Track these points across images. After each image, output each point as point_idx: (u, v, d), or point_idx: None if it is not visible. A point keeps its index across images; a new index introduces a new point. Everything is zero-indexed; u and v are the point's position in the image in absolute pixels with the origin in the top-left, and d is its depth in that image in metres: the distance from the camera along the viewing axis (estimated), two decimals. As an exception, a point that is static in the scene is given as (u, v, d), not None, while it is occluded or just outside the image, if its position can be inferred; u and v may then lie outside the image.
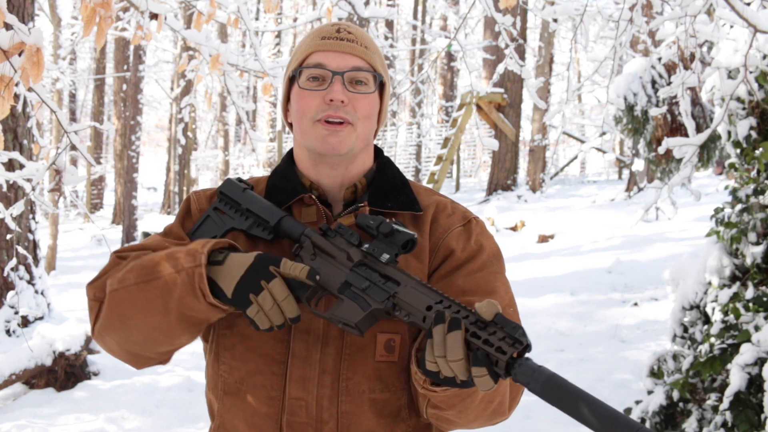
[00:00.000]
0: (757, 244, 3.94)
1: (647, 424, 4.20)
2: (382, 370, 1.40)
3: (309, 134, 1.44)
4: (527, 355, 1.19)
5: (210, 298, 1.32)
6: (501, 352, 1.15)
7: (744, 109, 3.99)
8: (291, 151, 1.56)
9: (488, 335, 1.16)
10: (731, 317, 3.82)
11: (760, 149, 3.85)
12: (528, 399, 5.32)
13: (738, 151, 4.03)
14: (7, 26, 2.27)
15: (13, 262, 3.87)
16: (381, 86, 1.49)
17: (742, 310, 3.78)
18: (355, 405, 1.40)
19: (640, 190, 14.74)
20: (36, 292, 7.41)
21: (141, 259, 1.39)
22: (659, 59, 5.93)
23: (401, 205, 1.47)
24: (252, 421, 1.42)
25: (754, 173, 4.07)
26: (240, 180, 1.53)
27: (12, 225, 3.47)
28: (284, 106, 1.53)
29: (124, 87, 18.94)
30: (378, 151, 1.56)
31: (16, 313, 7.09)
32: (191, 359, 6.05)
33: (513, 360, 1.15)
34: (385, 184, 1.49)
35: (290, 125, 1.51)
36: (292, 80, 1.48)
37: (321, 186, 1.48)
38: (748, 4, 3.71)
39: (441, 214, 1.49)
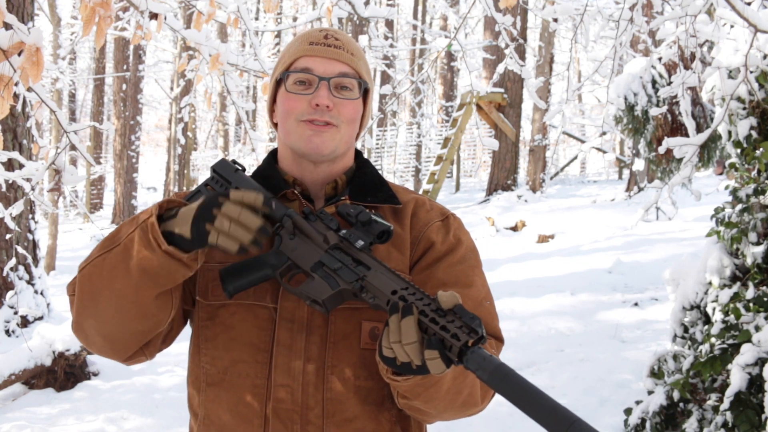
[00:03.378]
0: (758, 244, 3.94)
1: (647, 424, 4.19)
2: (367, 357, 1.44)
3: (293, 133, 1.49)
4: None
5: (164, 245, 1.32)
6: (455, 338, 1.19)
7: (744, 108, 3.99)
8: (272, 153, 1.61)
9: (446, 322, 1.21)
10: (732, 317, 3.82)
11: (761, 149, 3.85)
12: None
13: (738, 150, 4.03)
14: (7, 26, 2.27)
15: (13, 262, 3.87)
16: (365, 92, 1.55)
17: (742, 310, 3.78)
18: (340, 392, 1.43)
19: (640, 190, 14.74)
20: (35, 292, 7.41)
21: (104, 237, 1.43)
22: (659, 59, 5.93)
23: (381, 199, 1.54)
24: (237, 410, 1.44)
25: (754, 173, 4.07)
26: (234, 162, 1.57)
27: (11, 225, 3.47)
28: (270, 107, 1.58)
29: (124, 87, 18.93)
30: (357, 153, 1.62)
31: (16, 313, 7.09)
32: (191, 359, 6.04)
33: (466, 347, 1.19)
34: (365, 181, 1.56)
35: (275, 125, 1.56)
36: (278, 82, 1.54)
37: (303, 182, 1.54)
38: (749, 4, 3.71)
39: (420, 209, 1.56)
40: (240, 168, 1.54)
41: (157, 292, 1.38)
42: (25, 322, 7.34)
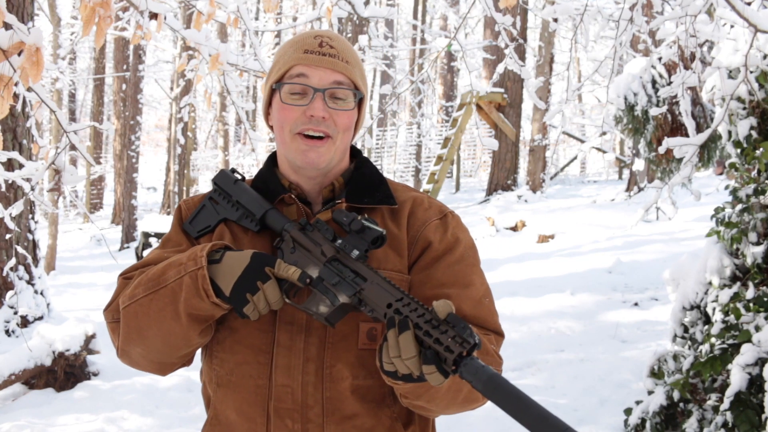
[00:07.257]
0: (758, 244, 3.93)
1: (647, 424, 4.19)
2: (365, 357, 1.47)
3: (289, 146, 1.52)
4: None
5: (213, 297, 1.40)
6: (449, 350, 1.23)
7: (744, 108, 3.99)
8: (273, 155, 1.63)
9: (439, 334, 1.24)
10: (732, 317, 3.81)
11: (761, 149, 3.85)
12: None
13: (738, 150, 4.03)
14: (7, 26, 2.27)
15: (13, 262, 3.86)
16: (359, 99, 1.56)
17: (742, 310, 3.78)
18: (338, 391, 1.47)
19: (640, 190, 14.74)
20: (35, 292, 7.41)
21: (146, 273, 1.48)
22: (659, 59, 5.93)
23: (377, 200, 1.54)
24: (241, 409, 1.49)
25: (754, 173, 4.07)
26: (233, 170, 1.60)
27: (11, 225, 3.47)
28: (265, 111, 1.59)
29: (124, 87, 18.93)
30: (356, 151, 1.64)
31: (16, 313, 7.09)
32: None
33: (461, 358, 1.23)
34: (362, 182, 1.56)
35: (271, 128, 1.58)
36: (273, 89, 1.55)
37: (300, 186, 1.56)
38: (749, 4, 3.71)
39: (418, 208, 1.56)
40: (239, 177, 1.58)
41: (203, 328, 1.47)
42: (25, 322, 7.35)
